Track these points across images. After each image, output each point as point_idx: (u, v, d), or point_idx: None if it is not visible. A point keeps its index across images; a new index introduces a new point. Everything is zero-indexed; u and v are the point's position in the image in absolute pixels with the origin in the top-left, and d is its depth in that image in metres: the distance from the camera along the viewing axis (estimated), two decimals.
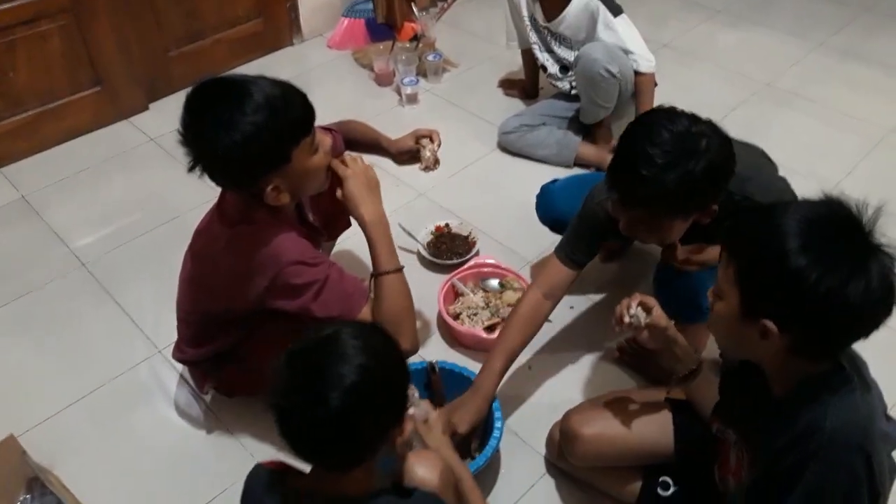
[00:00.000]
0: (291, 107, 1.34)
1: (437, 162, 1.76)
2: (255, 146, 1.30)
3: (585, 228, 1.65)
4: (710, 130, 1.35)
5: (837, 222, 1.02)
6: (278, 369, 1.02)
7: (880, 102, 2.83)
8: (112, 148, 2.71)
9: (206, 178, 1.38)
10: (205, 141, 1.31)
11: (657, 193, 1.32)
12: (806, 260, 0.98)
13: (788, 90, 2.91)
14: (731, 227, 1.13)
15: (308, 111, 1.38)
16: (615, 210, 1.48)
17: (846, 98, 2.85)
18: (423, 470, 1.20)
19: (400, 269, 1.49)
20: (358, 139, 1.80)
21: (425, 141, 1.69)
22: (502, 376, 1.62)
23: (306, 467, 1.10)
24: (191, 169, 1.35)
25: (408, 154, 1.75)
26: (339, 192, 1.50)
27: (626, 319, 1.33)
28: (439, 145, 1.74)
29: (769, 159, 1.61)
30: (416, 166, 1.80)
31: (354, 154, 1.59)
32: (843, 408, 1.04)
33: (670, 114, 1.36)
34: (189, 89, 1.35)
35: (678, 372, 1.40)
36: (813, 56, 3.13)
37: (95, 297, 2.12)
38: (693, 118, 1.36)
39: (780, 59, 3.11)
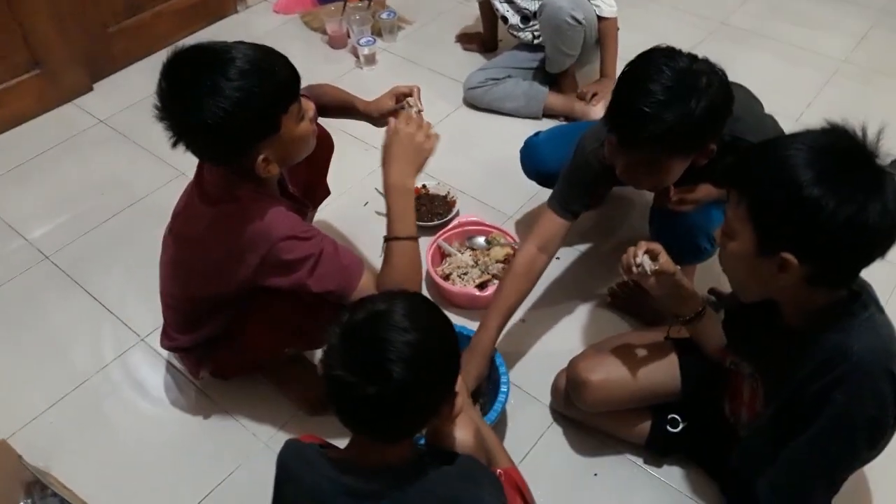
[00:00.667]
0: (277, 71, 1.28)
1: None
2: (244, 114, 1.23)
3: (579, 178, 1.64)
4: (709, 69, 1.34)
5: (844, 149, 1.04)
6: (334, 342, 1.00)
7: (830, 35, 2.88)
8: (60, 133, 2.56)
9: (168, 157, 1.30)
10: (189, 112, 1.23)
11: (659, 131, 1.30)
12: (821, 190, 0.99)
13: (742, 28, 2.94)
14: (737, 164, 1.13)
15: (294, 75, 1.32)
16: (612, 155, 1.46)
17: (798, 33, 2.90)
18: (459, 432, 1.19)
19: (414, 238, 1.43)
20: (329, 104, 1.72)
21: (411, 100, 1.59)
22: (499, 333, 1.62)
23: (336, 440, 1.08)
24: (174, 144, 1.28)
25: (390, 115, 1.67)
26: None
27: (635, 270, 1.31)
28: (420, 111, 1.59)
29: (755, 98, 1.62)
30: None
31: (414, 113, 1.50)
32: (866, 332, 1.07)
33: (670, 52, 1.35)
34: (164, 59, 1.27)
35: (684, 314, 1.41)
36: None
37: (65, 289, 2.03)
38: (692, 56, 1.35)
39: None
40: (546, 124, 2.50)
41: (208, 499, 1.57)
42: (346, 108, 1.71)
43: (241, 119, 1.23)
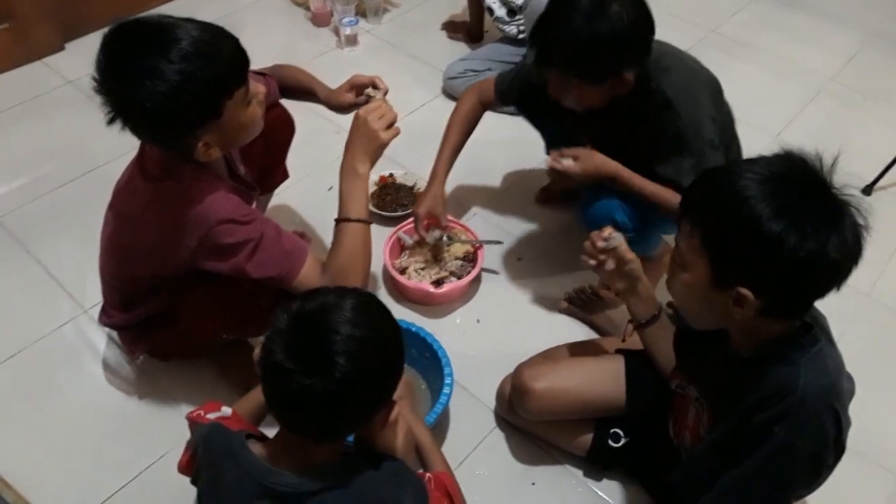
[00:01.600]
0: (223, 54, 1.21)
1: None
2: (183, 99, 1.17)
3: (523, 73, 1.79)
4: (630, 3, 1.42)
5: (800, 179, 1.00)
6: (280, 328, 0.97)
7: (820, 51, 2.84)
8: (24, 92, 2.49)
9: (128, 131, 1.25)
10: (126, 91, 1.17)
11: (560, 52, 1.45)
12: (781, 225, 0.95)
13: (733, 38, 2.90)
14: (688, 193, 1.09)
15: (241, 59, 1.25)
16: (537, 72, 1.56)
17: (787, 47, 2.86)
18: (389, 433, 1.15)
19: (366, 223, 1.42)
20: (292, 86, 1.67)
21: (373, 91, 1.53)
22: (450, 166, 1.88)
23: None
24: (110, 122, 1.22)
25: (350, 109, 1.60)
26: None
27: (601, 243, 1.35)
28: (386, 92, 1.56)
29: (708, 73, 1.62)
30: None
31: (380, 97, 1.51)
32: (814, 367, 1.04)
33: None
34: (106, 30, 1.21)
35: (639, 317, 1.39)
36: (753, 5, 3.11)
37: (11, 254, 1.97)
38: None
39: (722, 6, 3.08)
40: (521, 120, 2.46)
41: (135, 482, 1.52)
42: (307, 92, 1.67)
43: (181, 103, 1.17)
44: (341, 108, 1.61)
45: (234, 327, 1.53)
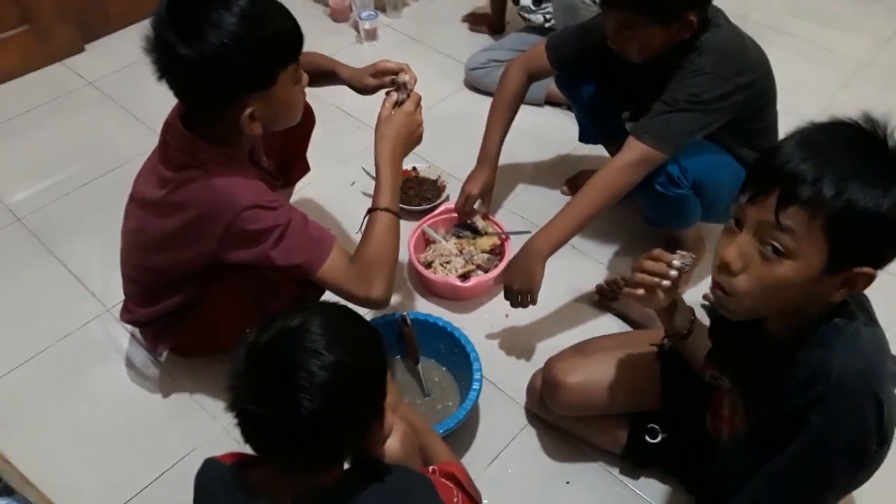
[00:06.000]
0: (284, 23, 1.23)
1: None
2: (242, 56, 1.17)
3: (580, 31, 1.73)
4: None
5: (873, 145, 0.95)
6: (237, 366, 0.89)
7: (853, 36, 2.75)
8: (46, 93, 2.49)
9: (155, 124, 1.24)
10: (185, 42, 1.16)
11: None
12: (890, 200, 0.90)
13: (761, 23, 2.81)
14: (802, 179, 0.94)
15: (299, 33, 1.26)
16: (605, 19, 1.54)
17: (818, 32, 2.77)
18: (386, 440, 1.09)
19: (397, 214, 1.39)
20: (312, 71, 1.62)
21: (403, 78, 1.45)
22: (500, 147, 1.84)
23: None
24: (160, 77, 1.21)
25: (373, 92, 1.55)
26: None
27: (676, 265, 1.16)
28: (415, 81, 1.48)
29: (751, 40, 1.61)
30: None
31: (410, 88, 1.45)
32: (848, 349, 0.98)
33: None
34: None
35: (680, 329, 1.29)
36: None
37: (35, 254, 1.96)
38: None
39: None
40: (548, 111, 2.41)
41: (159, 481, 1.50)
42: (328, 74, 1.63)
43: (239, 60, 1.17)
44: (365, 90, 1.55)
45: (258, 321, 1.50)
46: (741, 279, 0.99)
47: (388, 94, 1.45)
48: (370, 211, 1.39)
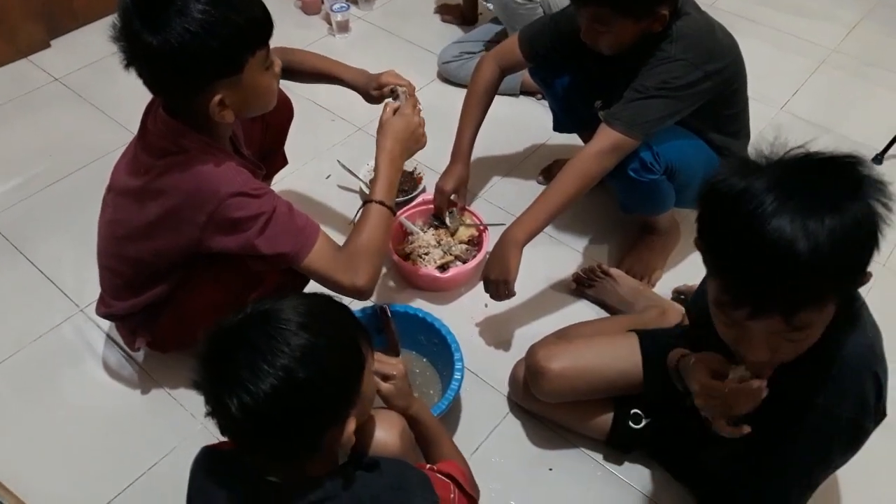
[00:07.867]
0: (252, 8, 1.21)
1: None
2: (209, 42, 1.16)
3: (552, 24, 1.72)
4: None
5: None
6: (201, 348, 0.89)
7: (820, 23, 2.79)
8: (11, 90, 2.43)
9: (124, 120, 1.21)
10: (151, 30, 1.14)
11: None
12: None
13: (729, 11, 2.84)
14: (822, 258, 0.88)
15: (268, 19, 1.24)
16: (578, 14, 1.55)
17: (787, 20, 2.81)
18: (381, 432, 1.09)
19: (391, 209, 1.41)
20: (307, 70, 1.63)
21: (402, 90, 1.51)
22: (473, 142, 1.85)
23: None
24: (127, 66, 1.20)
25: (377, 102, 1.58)
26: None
27: (736, 385, 1.06)
28: (412, 90, 1.55)
29: (721, 27, 1.60)
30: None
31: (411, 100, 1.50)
32: (853, 330, 0.99)
33: None
34: None
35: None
36: None
37: (4, 254, 1.91)
38: None
39: None
40: (523, 101, 2.41)
41: (139, 482, 1.47)
42: (328, 77, 1.63)
43: (206, 47, 1.16)
44: (371, 100, 1.60)
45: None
46: (774, 359, 0.99)
47: (386, 104, 1.50)
48: (365, 202, 1.41)
